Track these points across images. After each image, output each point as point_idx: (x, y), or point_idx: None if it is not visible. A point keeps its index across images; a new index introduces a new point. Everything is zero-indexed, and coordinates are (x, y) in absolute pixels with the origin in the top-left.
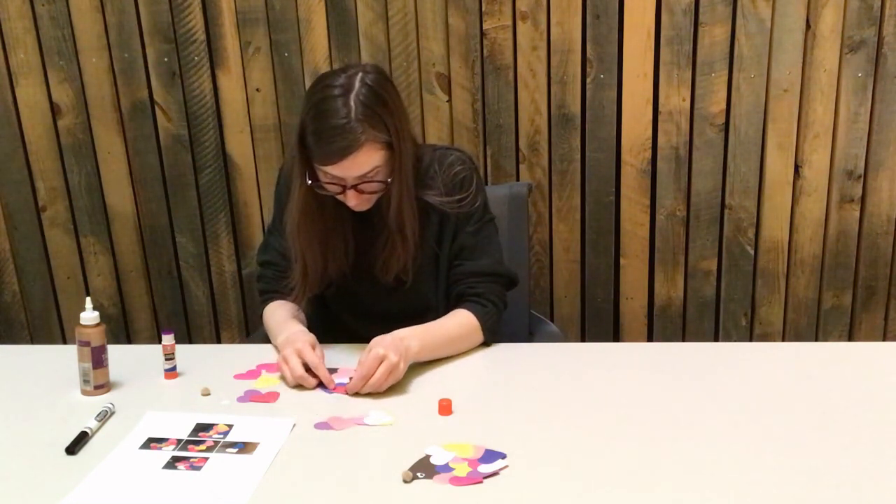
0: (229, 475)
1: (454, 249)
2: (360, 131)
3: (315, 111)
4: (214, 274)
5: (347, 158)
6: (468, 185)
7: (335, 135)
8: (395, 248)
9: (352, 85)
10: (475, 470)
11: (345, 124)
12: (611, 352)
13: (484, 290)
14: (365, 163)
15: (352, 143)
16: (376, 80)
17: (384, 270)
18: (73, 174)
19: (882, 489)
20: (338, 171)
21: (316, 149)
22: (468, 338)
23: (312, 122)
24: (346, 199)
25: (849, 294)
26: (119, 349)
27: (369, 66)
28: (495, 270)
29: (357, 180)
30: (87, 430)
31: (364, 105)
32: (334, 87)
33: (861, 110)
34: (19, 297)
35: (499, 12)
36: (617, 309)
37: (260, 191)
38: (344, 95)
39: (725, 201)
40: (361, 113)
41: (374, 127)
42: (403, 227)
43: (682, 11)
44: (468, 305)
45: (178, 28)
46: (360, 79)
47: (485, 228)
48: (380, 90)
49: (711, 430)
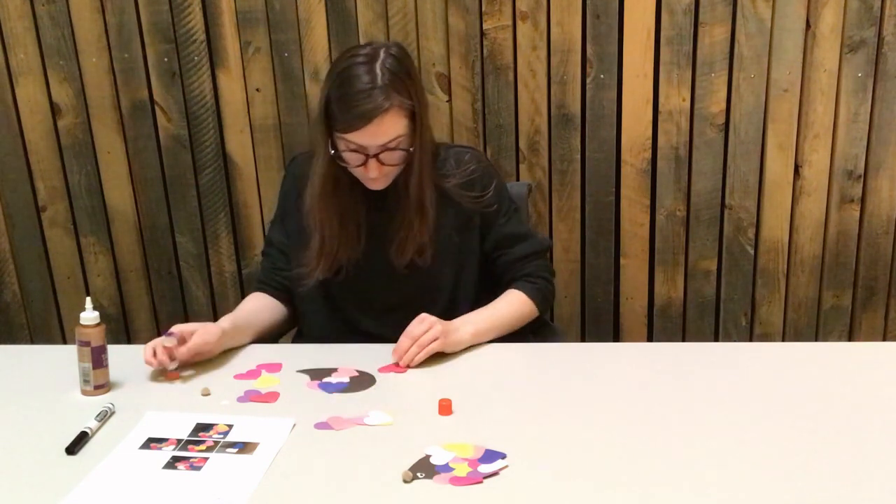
0: (229, 475)
1: (490, 244)
2: (385, 97)
3: (340, 79)
4: (214, 274)
5: (373, 122)
6: (487, 182)
7: (361, 99)
8: (411, 226)
9: (377, 54)
10: (475, 470)
11: (370, 89)
12: (611, 352)
13: (531, 270)
14: (390, 129)
15: (377, 107)
16: (400, 52)
17: (399, 252)
18: (73, 174)
19: (882, 489)
20: (361, 138)
21: (341, 115)
22: (521, 315)
23: (338, 89)
24: (367, 171)
25: (849, 294)
26: (119, 349)
27: (392, 42)
28: (535, 250)
29: (379, 149)
30: (87, 430)
31: (390, 72)
32: (359, 55)
33: (861, 110)
34: (19, 297)
35: (499, 12)
36: (617, 309)
37: (260, 191)
38: (369, 63)
39: (725, 201)
40: (387, 79)
41: (399, 93)
42: (423, 200)
43: (682, 11)
44: (518, 285)
45: (178, 28)
46: (385, 50)
47: (514, 217)
48: (405, 60)
49: (711, 429)
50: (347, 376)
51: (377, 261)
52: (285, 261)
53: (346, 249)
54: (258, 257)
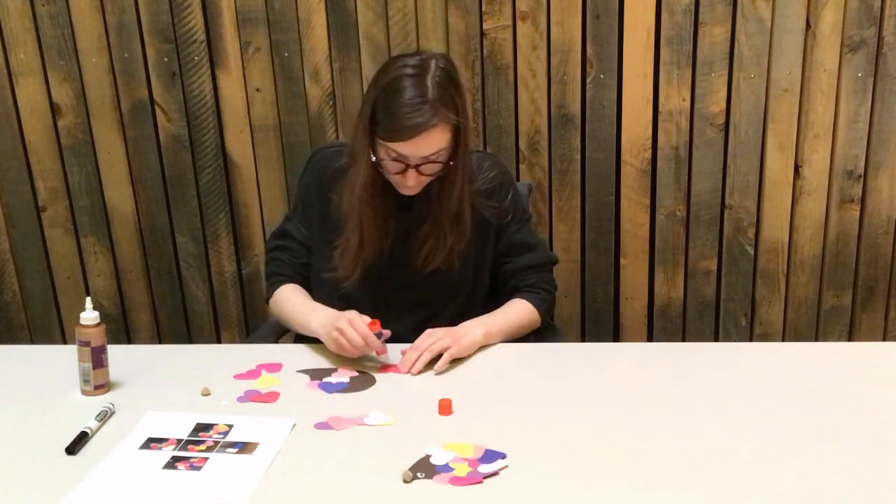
0: (229, 475)
1: (500, 249)
2: (434, 112)
3: (390, 88)
4: (214, 274)
5: (420, 136)
6: (505, 192)
7: (410, 111)
8: (445, 237)
9: (427, 66)
10: (475, 470)
11: (420, 102)
12: (611, 352)
13: (535, 280)
14: (435, 143)
15: (426, 121)
16: (449, 66)
17: (427, 258)
18: (73, 174)
19: (882, 489)
20: (406, 149)
21: (387, 124)
22: (527, 322)
23: (387, 99)
24: (405, 180)
25: (849, 294)
26: (119, 349)
27: (440, 54)
28: (541, 261)
29: (421, 160)
30: (87, 430)
31: (440, 86)
32: (409, 66)
33: (861, 110)
34: (19, 297)
35: (499, 12)
36: (617, 309)
37: (260, 191)
38: (420, 76)
39: (725, 201)
40: (437, 93)
41: (447, 108)
42: (463, 213)
43: (682, 11)
44: (523, 295)
45: (178, 28)
46: (435, 62)
47: (525, 226)
48: (454, 74)
49: (711, 429)
50: (347, 376)
51: (398, 261)
52: (307, 254)
53: (377, 249)
54: (258, 257)
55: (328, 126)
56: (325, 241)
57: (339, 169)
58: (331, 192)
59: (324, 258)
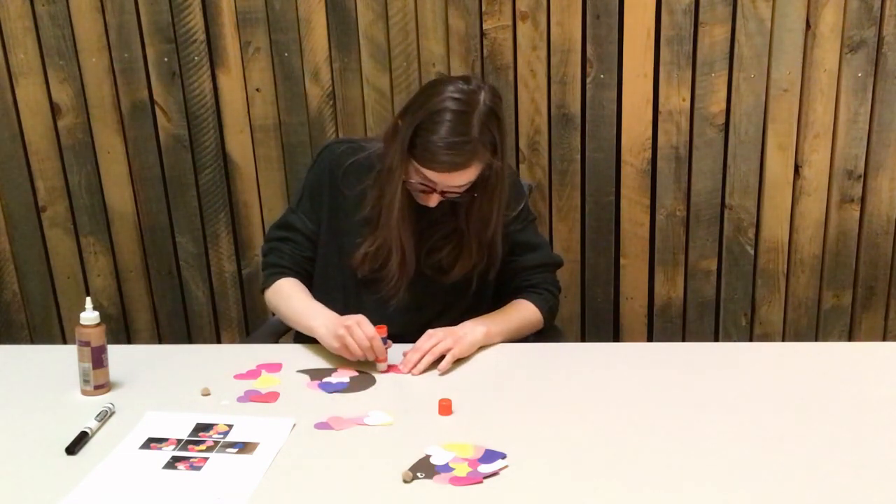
0: (229, 475)
1: (504, 248)
2: (474, 153)
3: (435, 119)
4: (214, 274)
5: (456, 172)
6: (513, 195)
7: (454, 148)
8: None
9: (476, 101)
10: (475, 470)
11: (465, 142)
12: (611, 352)
13: (539, 281)
14: (466, 177)
15: (465, 162)
16: (495, 102)
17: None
18: (73, 174)
19: (882, 489)
20: (438, 178)
21: (425, 153)
22: (529, 323)
23: (429, 125)
24: (428, 200)
25: (849, 294)
26: (119, 349)
27: (489, 86)
28: (545, 262)
29: (449, 188)
30: (87, 430)
31: (484, 125)
32: (458, 99)
33: (861, 110)
34: (19, 297)
35: (499, 12)
36: (617, 309)
37: (260, 191)
38: (468, 112)
39: (725, 201)
40: (479, 133)
41: (487, 148)
42: (495, 241)
43: (682, 11)
44: (526, 296)
45: (178, 28)
46: (483, 98)
47: (530, 226)
48: (498, 110)
49: (711, 429)
50: (347, 376)
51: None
52: (311, 248)
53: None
54: (258, 257)
55: (328, 126)
56: (336, 233)
57: (353, 164)
58: (345, 187)
59: (333, 250)
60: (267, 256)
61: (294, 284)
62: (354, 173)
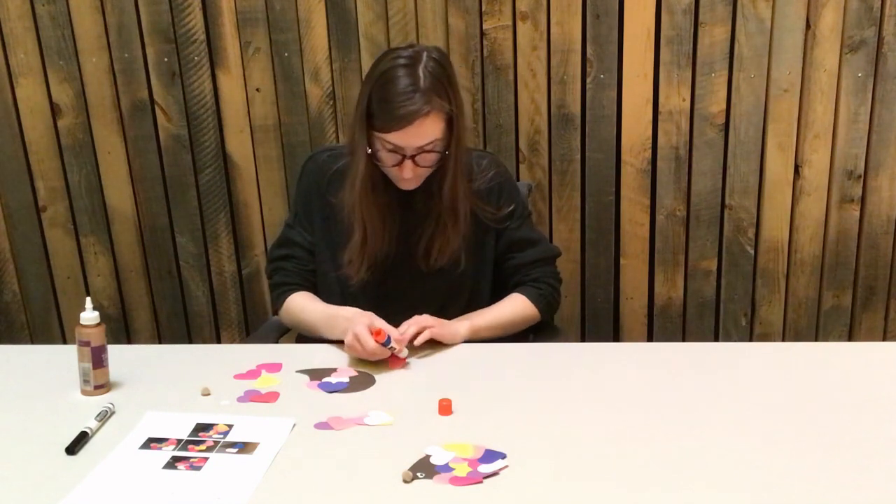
0: (229, 475)
1: (501, 247)
2: (426, 100)
3: (383, 79)
4: (214, 274)
5: (413, 125)
6: (505, 193)
7: (403, 101)
8: (445, 230)
9: (419, 57)
10: (475, 470)
11: (413, 91)
12: (611, 352)
13: (538, 275)
14: (429, 131)
15: (419, 110)
16: (442, 57)
17: (426, 253)
18: (73, 174)
19: (882, 489)
20: (400, 140)
21: (381, 115)
22: (521, 316)
23: (380, 90)
24: (402, 172)
25: (849, 294)
26: (119, 349)
27: (432, 47)
28: (543, 256)
29: (416, 151)
30: (87, 430)
31: (432, 76)
32: (402, 57)
33: (861, 110)
34: (19, 297)
35: (499, 12)
36: (617, 309)
37: (260, 191)
38: (412, 66)
39: (725, 201)
40: (429, 83)
41: (440, 97)
42: (457, 204)
43: (682, 11)
44: (522, 289)
45: (178, 28)
46: (427, 53)
47: (526, 223)
48: (446, 65)
49: (711, 429)
50: (347, 376)
51: (403, 260)
52: (313, 260)
53: (384, 247)
54: (258, 257)
55: (328, 126)
56: (329, 242)
57: (338, 171)
58: (331, 195)
59: (328, 259)
60: (272, 277)
61: (305, 297)
62: (339, 180)
